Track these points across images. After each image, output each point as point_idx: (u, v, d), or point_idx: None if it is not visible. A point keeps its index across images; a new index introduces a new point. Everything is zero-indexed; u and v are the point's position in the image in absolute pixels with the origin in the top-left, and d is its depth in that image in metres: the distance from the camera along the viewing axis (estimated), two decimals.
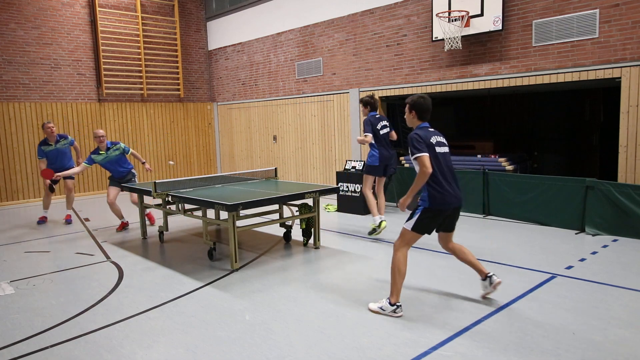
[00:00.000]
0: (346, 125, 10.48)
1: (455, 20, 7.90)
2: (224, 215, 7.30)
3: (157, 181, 6.12)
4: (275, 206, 6.65)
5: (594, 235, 6.40)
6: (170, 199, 6.04)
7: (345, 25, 10.19)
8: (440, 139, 4.01)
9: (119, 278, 5.24)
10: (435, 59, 8.69)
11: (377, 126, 6.65)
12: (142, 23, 12.69)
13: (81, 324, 4.04)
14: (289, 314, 4.11)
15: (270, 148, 12.57)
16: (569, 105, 10.53)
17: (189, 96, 13.89)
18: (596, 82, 7.36)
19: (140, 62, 12.70)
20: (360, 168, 8.49)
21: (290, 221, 7.12)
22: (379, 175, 6.79)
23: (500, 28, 7.56)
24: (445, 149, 4.00)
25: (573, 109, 10.54)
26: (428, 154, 3.78)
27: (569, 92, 10.05)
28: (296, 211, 6.95)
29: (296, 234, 6.75)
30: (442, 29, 8.01)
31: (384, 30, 9.43)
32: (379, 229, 6.51)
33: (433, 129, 4.06)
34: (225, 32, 13.55)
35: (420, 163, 3.74)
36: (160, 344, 3.63)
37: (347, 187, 8.59)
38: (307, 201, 6.24)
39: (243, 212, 5.61)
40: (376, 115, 6.70)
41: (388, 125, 6.82)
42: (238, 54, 13.19)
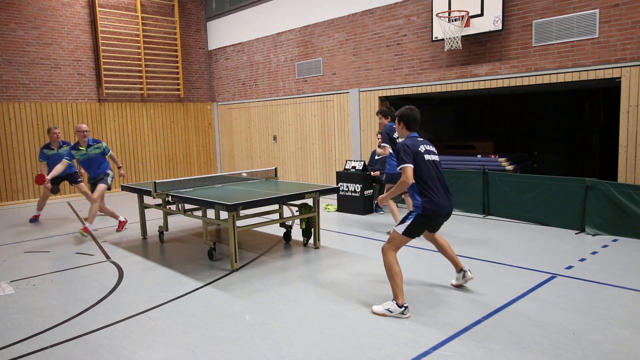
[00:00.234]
0: (346, 125, 10.48)
1: (455, 20, 7.90)
2: (224, 215, 7.31)
3: (157, 181, 6.12)
4: (275, 206, 6.65)
5: (594, 235, 6.40)
6: (170, 199, 6.04)
7: (345, 25, 10.19)
8: (430, 148, 4.17)
9: (119, 278, 5.24)
10: (435, 59, 8.69)
11: (394, 135, 6.71)
12: (142, 23, 12.69)
13: (81, 324, 4.04)
14: (289, 314, 4.11)
15: (270, 148, 12.58)
16: (569, 105, 10.53)
17: (189, 96, 13.89)
18: (596, 82, 7.37)
19: (140, 62, 12.70)
20: (360, 168, 8.49)
21: (290, 221, 7.12)
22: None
23: (500, 28, 7.56)
24: (435, 157, 4.17)
25: (573, 109, 10.54)
26: (412, 166, 3.93)
27: (569, 92, 10.05)
28: (296, 211, 6.95)
29: (296, 234, 6.75)
30: (442, 29, 8.01)
31: (384, 30, 9.43)
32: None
33: (422, 139, 4.21)
34: (225, 32, 13.55)
35: (403, 173, 3.91)
36: (160, 344, 3.63)
37: (347, 187, 8.59)
38: (307, 201, 6.24)
39: (243, 212, 5.61)
40: (393, 126, 6.75)
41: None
42: (238, 54, 13.19)
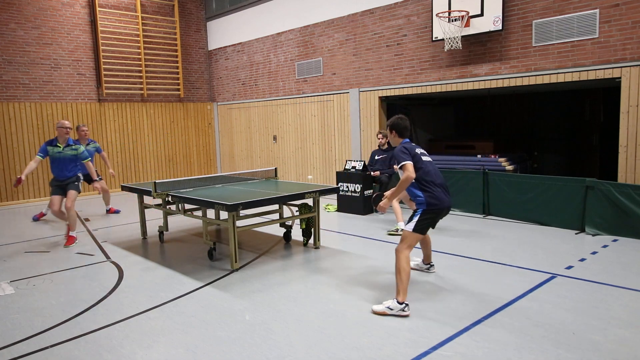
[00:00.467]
0: (346, 125, 10.48)
1: (455, 20, 7.90)
2: (224, 215, 7.30)
3: (157, 181, 6.12)
4: (275, 206, 6.65)
5: (594, 235, 6.40)
6: (170, 199, 6.04)
7: (345, 25, 10.19)
8: (423, 151, 4.40)
9: (119, 278, 5.24)
10: (435, 59, 8.69)
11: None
12: (142, 23, 12.69)
13: (81, 324, 4.04)
14: (289, 314, 4.11)
15: (270, 148, 12.58)
16: (569, 105, 10.53)
17: (189, 96, 13.89)
18: (596, 82, 7.36)
19: (140, 62, 12.70)
20: (360, 168, 8.49)
21: (290, 221, 7.12)
22: None
23: (500, 28, 7.56)
24: (429, 159, 4.39)
25: (573, 109, 10.54)
26: (412, 162, 4.11)
27: (569, 92, 10.05)
28: (296, 211, 6.96)
29: (296, 234, 6.75)
30: (442, 29, 8.01)
31: (384, 30, 9.43)
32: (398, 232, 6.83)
33: (414, 144, 4.43)
34: (225, 32, 13.55)
35: (406, 169, 4.06)
36: (160, 344, 3.63)
37: (347, 187, 8.59)
38: (307, 201, 6.25)
39: (243, 212, 5.61)
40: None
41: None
42: (238, 54, 13.19)
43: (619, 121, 6.80)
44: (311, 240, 6.34)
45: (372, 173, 8.47)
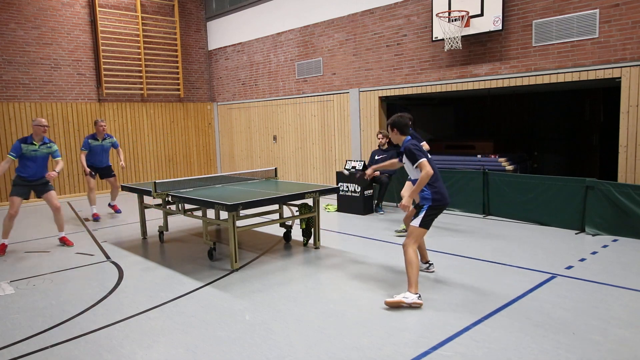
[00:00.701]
0: (346, 125, 10.48)
1: (455, 20, 7.90)
2: (224, 215, 7.30)
3: (157, 181, 6.12)
4: (275, 206, 6.65)
5: (594, 235, 6.40)
6: (170, 199, 6.04)
7: (345, 25, 10.19)
8: (423, 147, 4.67)
9: (119, 278, 5.24)
10: (435, 59, 8.69)
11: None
12: (142, 23, 12.69)
13: (81, 324, 4.04)
14: (289, 314, 4.11)
15: (270, 148, 12.57)
16: (569, 105, 10.53)
17: (189, 96, 13.89)
18: (596, 82, 7.36)
19: (140, 62, 12.69)
20: (360, 168, 8.49)
21: (290, 221, 7.12)
22: None
23: (500, 28, 7.56)
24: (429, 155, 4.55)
25: (573, 109, 10.54)
26: (427, 159, 4.27)
27: (569, 92, 10.05)
28: (296, 211, 6.96)
29: (296, 234, 6.75)
30: (442, 29, 8.01)
31: (384, 30, 9.43)
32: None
33: (416, 140, 4.61)
34: (225, 32, 13.55)
35: (424, 166, 4.19)
36: (160, 344, 3.63)
37: (347, 187, 8.59)
38: (307, 201, 6.24)
39: (243, 212, 5.61)
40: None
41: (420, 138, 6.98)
42: (238, 54, 13.19)
43: (619, 121, 6.80)
44: (311, 240, 6.34)
45: (366, 175, 8.45)
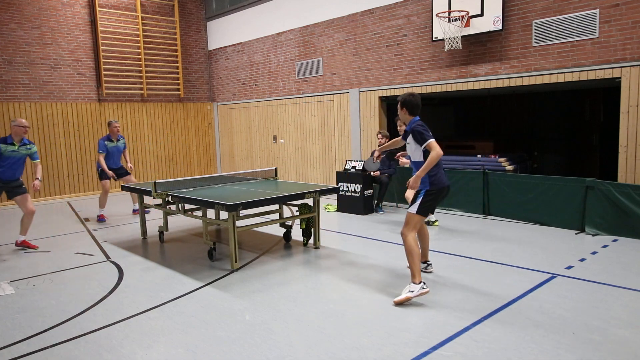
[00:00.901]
0: (346, 125, 10.48)
1: (455, 20, 7.90)
2: (224, 215, 7.30)
3: (157, 181, 6.12)
4: (275, 206, 6.65)
5: (594, 235, 6.40)
6: (170, 199, 6.04)
7: (345, 25, 10.19)
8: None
9: (119, 278, 5.24)
10: (435, 59, 8.69)
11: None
12: (142, 23, 12.69)
13: (81, 324, 4.04)
14: (289, 314, 4.11)
15: (270, 148, 12.58)
16: (569, 105, 10.53)
17: (189, 96, 13.89)
18: (596, 82, 7.36)
19: (140, 62, 12.70)
20: (360, 168, 8.49)
21: (290, 221, 7.12)
22: None
23: (500, 28, 7.56)
24: None
25: (573, 109, 10.54)
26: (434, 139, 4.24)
27: (569, 92, 10.05)
28: (296, 211, 6.95)
29: (296, 234, 6.75)
30: (442, 29, 8.01)
31: (384, 30, 9.43)
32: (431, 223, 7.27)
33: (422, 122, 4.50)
34: (225, 32, 13.55)
35: (434, 147, 4.17)
36: (160, 344, 3.63)
37: (347, 187, 8.59)
38: (307, 201, 6.24)
39: (243, 212, 5.61)
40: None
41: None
42: (238, 54, 13.19)
43: (619, 121, 6.80)
44: (311, 240, 6.34)
45: (372, 173, 8.46)
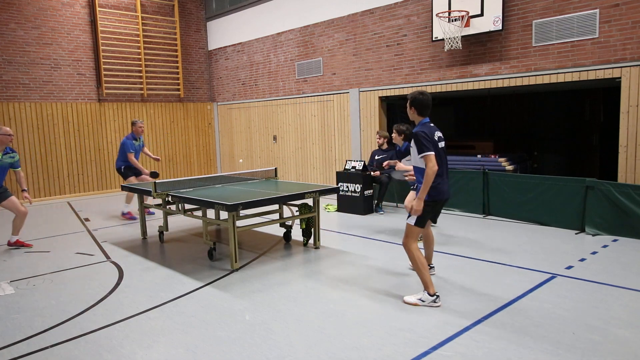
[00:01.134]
0: (346, 125, 10.48)
1: (455, 20, 7.89)
2: (224, 215, 7.30)
3: (157, 181, 6.12)
4: (275, 206, 6.65)
5: (594, 235, 6.40)
6: (170, 199, 6.04)
7: (345, 25, 10.19)
8: (440, 134, 4.26)
9: (119, 278, 5.24)
10: (435, 59, 8.69)
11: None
12: (142, 23, 12.69)
13: (81, 324, 4.04)
14: (289, 314, 4.11)
15: (270, 148, 12.57)
16: (569, 105, 10.53)
17: (189, 96, 13.89)
18: (596, 82, 7.36)
19: (140, 62, 12.69)
20: (360, 168, 8.49)
21: (290, 221, 7.12)
22: None
23: (500, 28, 7.56)
24: (443, 144, 4.28)
25: (573, 109, 10.54)
26: (434, 153, 3.99)
27: (569, 92, 10.05)
28: (296, 211, 6.95)
29: (296, 234, 6.75)
30: (442, 29, 8.00)
31: (384, 30, 9.43)
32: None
33: (433, 125, 4.23)
34: (225, 32, 13.55)
35: (429, 161, 3.94)
36: (160, 344, 3.63)
37: (347, 187, 8.59)
38: (307, 201, 6.24)
39: (243, 212, 5.61)
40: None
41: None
42: (238, 54, 13.19)
43: (619, 121, 6.79)
44: (311, 240, 6.34)
45: (372, 173, 8.47)
